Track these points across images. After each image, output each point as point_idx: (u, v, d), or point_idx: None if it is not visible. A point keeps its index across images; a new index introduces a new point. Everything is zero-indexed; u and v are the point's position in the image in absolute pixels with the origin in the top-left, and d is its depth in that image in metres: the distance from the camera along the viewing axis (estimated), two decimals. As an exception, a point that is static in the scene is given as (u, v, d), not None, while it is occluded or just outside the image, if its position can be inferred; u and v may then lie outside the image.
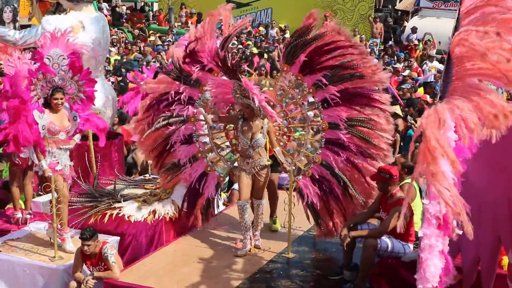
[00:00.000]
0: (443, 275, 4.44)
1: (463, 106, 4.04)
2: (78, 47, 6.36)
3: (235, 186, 7.89)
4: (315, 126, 6.40)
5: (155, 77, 7.29)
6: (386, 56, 17.81)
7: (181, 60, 6.55)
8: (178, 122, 6.67)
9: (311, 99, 6.35)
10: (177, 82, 6.58)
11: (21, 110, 5.93)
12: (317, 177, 6.35)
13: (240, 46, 17.24)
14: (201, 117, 6.61)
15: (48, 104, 6.17)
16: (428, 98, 13.08)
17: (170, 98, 6.62)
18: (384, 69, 6.36)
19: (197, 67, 6.43)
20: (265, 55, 16.02)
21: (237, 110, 6.38)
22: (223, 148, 6.77)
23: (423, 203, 4.44)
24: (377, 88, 6.17)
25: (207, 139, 6.74)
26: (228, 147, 6.80)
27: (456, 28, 4.50)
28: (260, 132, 6.11)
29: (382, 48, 19.78)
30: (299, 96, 6.36)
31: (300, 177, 6.39)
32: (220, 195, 7.10)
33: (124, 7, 23.70)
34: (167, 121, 6.66)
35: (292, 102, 6.49)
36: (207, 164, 6.68)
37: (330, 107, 6.19)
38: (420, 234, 4.41)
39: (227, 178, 8.08)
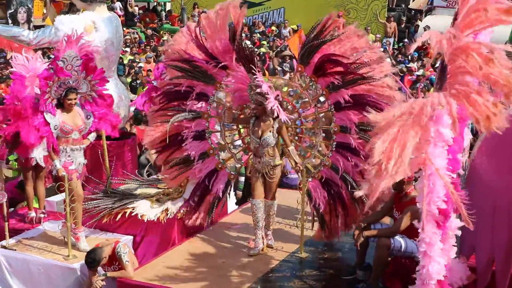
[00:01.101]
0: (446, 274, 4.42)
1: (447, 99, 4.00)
2: (91, 48, 6.38)
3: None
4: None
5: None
6: (400, 56, 17.71)
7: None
8: (191, 117, 6.60)
9: (322, 98, 6.28)
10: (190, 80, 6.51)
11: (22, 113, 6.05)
12: (327, 180, 6.28)
13: (251, 45, 17.21)
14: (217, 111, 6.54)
15: (61, 104, 6.21)
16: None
17: (182, 91, 6.53)
18: (393, 65, 6.20)
19: (211, 63, 6.40)
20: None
21: (251, 109, 6.37)
22: (235, 146, 6.75)
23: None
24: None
25: (219, 136, 6.71)
26: (240, 145, 6.78)
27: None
28: (270, 131, 6.09)
29: (396, 47, 19.66)
30: (312, 97, 6.28)
31: (311, 179, 6.35)
32: (230, 193, 7.04)
33: (137, 8, 23.78)
34: (183, 115, 6.55)
35: (305, 103, 6.44)
36: (218, 161, 6.65)
37: (342, 110, 6.09)
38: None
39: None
